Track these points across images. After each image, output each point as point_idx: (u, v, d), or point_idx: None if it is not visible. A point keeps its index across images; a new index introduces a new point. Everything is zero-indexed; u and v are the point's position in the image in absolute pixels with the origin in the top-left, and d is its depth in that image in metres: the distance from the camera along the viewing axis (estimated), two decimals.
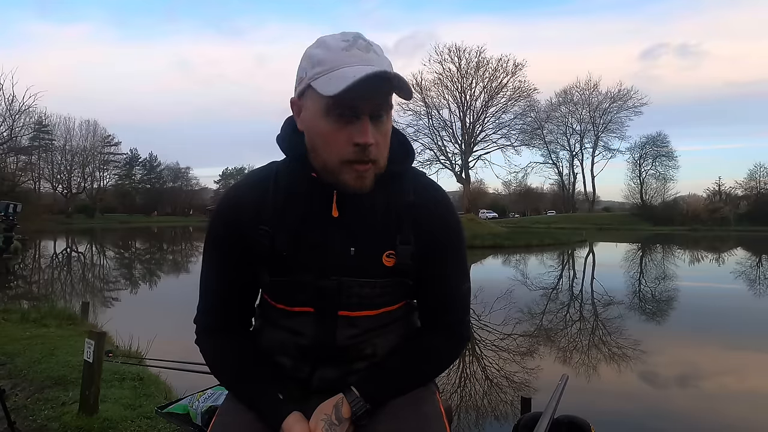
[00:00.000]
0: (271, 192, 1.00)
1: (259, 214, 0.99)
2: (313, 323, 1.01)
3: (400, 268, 1.00)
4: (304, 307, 1.01)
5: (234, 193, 1.04)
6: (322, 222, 0.98)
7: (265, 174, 1.04)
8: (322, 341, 1.01)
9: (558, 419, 1.30)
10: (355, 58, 0.88)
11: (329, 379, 1.03)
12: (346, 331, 1.01)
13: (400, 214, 1.00)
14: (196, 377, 2.00)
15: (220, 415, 1.06)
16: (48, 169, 60.27)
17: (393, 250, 0.99)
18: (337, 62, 0.88)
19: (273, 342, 1.06)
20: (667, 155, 55.12)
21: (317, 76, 0.88)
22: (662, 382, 5.74)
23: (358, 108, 0.88)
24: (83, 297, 9.95)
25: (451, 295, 1.08)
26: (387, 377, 1.02)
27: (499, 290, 11.59)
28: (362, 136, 0.88)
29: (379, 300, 1.02)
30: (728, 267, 18.77)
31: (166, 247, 30.24)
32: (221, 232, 1.03)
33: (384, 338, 1.05)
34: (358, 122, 0.88)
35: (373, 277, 0.99)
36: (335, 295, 0.99)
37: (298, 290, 1.00)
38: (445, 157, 43.30)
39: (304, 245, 0.98)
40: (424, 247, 1.01)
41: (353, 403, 0.96)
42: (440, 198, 1.05)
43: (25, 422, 2.93)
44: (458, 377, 5.71)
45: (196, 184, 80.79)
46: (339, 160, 0.90)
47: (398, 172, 1.01)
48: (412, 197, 1.01)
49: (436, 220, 1.03)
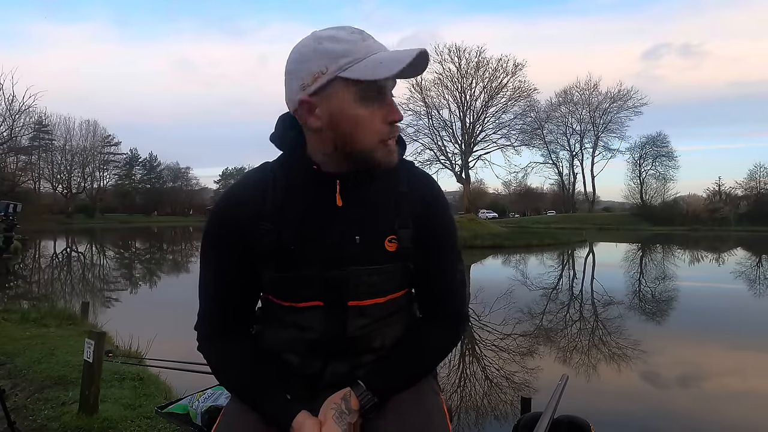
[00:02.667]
0: (270, 189, 1.01)
1: (258, 211, 1.00)
2: (322, 317, 1.01)
3: (402, 251, 1.02)
4: (312, 301, 1.01)
5: (233, 193, 1.05)
6: (326, 213, 1.00)
7: (261, 173, 1.05)
8: (332, 334, 1.01)
9: (558, 419, 1.30)
10: (376, 45, 0.93)
11: (341, 373, 1.03)
12: (356, 322, 1.02)
13: (397, 200, 1.03)
14: (196, 377, 2.00)
15: (225, 415, 1.06)
16: (48, 169, 60.35)
17: (394, 234, 1.02)
18: (364, 51, 0.91)
19: (279, 341, 1.06)
20: (667, 155, 55.24)
21: (348, 65, 0.90)
22: (662, 382, 5.74)
23: (387, 88, 0.94)
24: (83, 297, 9.96)
25: (447, 283, 1.10)
26: (393, 370, 1.03)
27: (499, 290, 11.59)
28: (396, 113, 0.95)
29: (386, 286, 1.04)
30: (728, 267, 18.77)
31: (166, 247, 30.24)
32: (219, 232, 1.03)
33: (391, 328, 1.06)
34: (386, 101, 0.95)
35: (378, 263, 1.01)
36: (344, 285, 1.00)
37: (304, 285, 1.00)
38: (445, 157, 43.28)
39: (311, 237, 0.99)
40: (421, 231, 1.04)
41: (362, 396, 0.97)
42: (431, 188, 1.09)
43: (25, 422, 2.93)
44: (458, 377, 5.71)
45: (196, 184, 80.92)
46: (378, 140, 0.95)
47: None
48: (406, 187, 1.04)
49: (429, 205, 1.06)
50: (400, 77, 0.92)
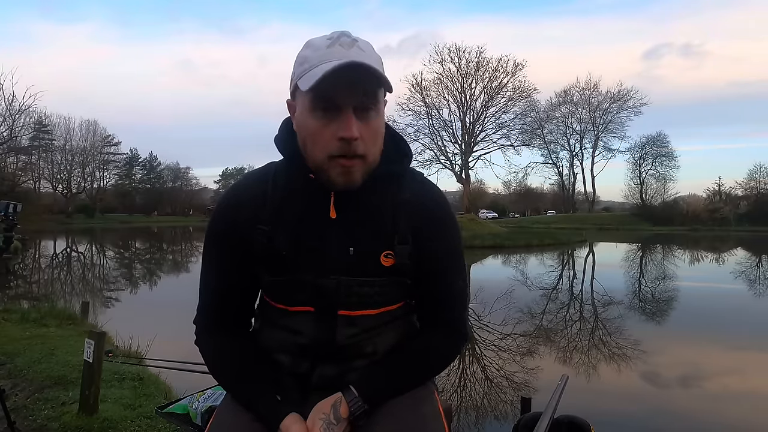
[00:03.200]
0: (269, 192, 1.02)
1: (257, 214, 1.00)
2: (312, 322, 1.01)
3: (399, 267, 1.01)
4: (303, 306, 1.01)
5: (233, 193, 1.06)
6: (321, 223, 0.99)
7: (263, 174, 1.05)
8: (321, 340, 1.01)
9: (558, 419, 1.30)
10: (337, 54, 0.89)
11: (329, 376, 1.02)
12: (345, 330, 1.01)
13: (397, 214, 1.01)
14: (196, 377, 2.00)
15: (219, 414, 1.06)
16: (48, 169, 60.30)
17: (391, 250, 1.00)
18: (318, 59, 0.89)
19: (272, 341, 1.07)
20: (667, 155, 55.20)
21: (302, 74, 0.90)
22: (662, 382, 5.73)
23: (340, 102, 0.89)
24: (83, 297, 9.95)
25: (448, 293, 1.09)
26: (386, 377, 1.02)
27: (499, 290, 11.59)
28: (346, 129, 0.89)
29: (379, 299, 1.02)
30: (728, 267, 18.76)
31: (166, 247, 30.24)
32: (220, 230, 1.04)
33: (384, 337, 1.05)
34: (342, 117, 0.89)
35: (371, 276, 1.00)
36: (334, 294, 0.99)
37: (297, 289, 1.01)
38: (445, 157, 43.29)
39: (303, 246, 0.99)
40: (421, 244, 1.02)
41: (351, 403, 0.95)
42: (436, 196, 1.07)
43: (25, 422, 2.93)
44: (458, 377, 5.71)
45: (196, 184, 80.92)
46: (326, 156, 0.92)
47: (395, 171, 1.02)
48: (408, 195, 1.02)
49: (431, 218, 1.04)
50: (334, 89, 0.87)
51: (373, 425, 0.96)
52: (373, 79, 0.89)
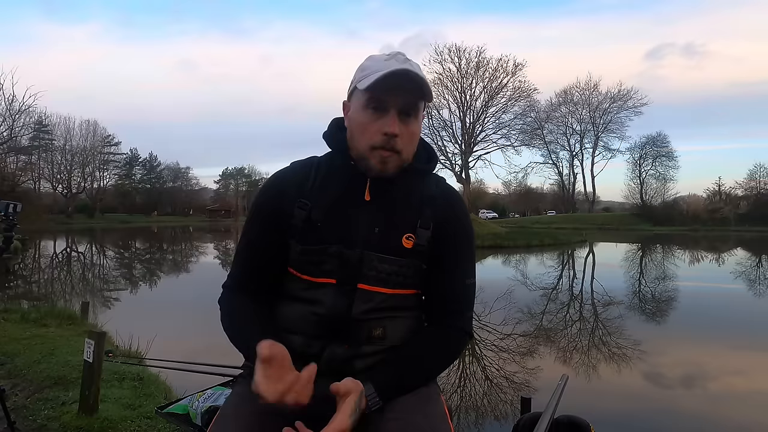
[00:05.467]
0: (313, 174, 1.17)
1: (301, 190, 1.14)
2: (332, 294, 1.10)
3: (417, 249, 1.12)
4: (327, 278, 1.10)
5: (280, 174, 1.21)
6: (356, 203, 1.13)
7: (308, 162, 1.21)
8: (338, 312, 1.09)
9: (558, 419, 1.31)
10: (392, 66, 1.06)
11: (338, 358, 1.09)
12: (362, 305, 1.09)
13: (422, 205, 1.15)
14: (196, 377, 2.00)
15: (222, 411, 1.09)
16: (48, 169, 60.33)
17: (413, 233, 1.12)
18: (377, 68, 1.07)
19: (289, 317, 1.14)
20: (667, 155, 55.25)
21: (361, 78, 1.09)
22: (662, 382, 5.74)
23: (387, 103, 1.07)
24: (83, 297, 9.93)
25: (457, 289, 1.17)
26: (399, 374, 1.08)
27: (499, 290, 11.58)
28: (390, 126, 1.06)
29: (395, 278, 1.12)
30: (728, 267, 18.77)
31: (166, 247, 30.23)
32: (263, 202, 1.18)
33: (394, 322, 1.13)
34: (388, 116, 1.07)
35: (392, 254, 1.11)
36: (357, 265, 1.09)
37: (324, 259, 1.10)
38: (445, 157, 43.31)
39: (337, 220, 1.12)
40: (440, 234, 1.14)
41: (370, 397, 1.01)
42: (458, 198, 1.24)
43: (25, 422, 2.93)
44: (458, 377, 5.71)
45: (196, 184, 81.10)
46: (369, 146, 1.08)
47: (424, 170, 1.18)
48: (434, 191, 1.17)
49: (451, 215, 1.17)
50: (385, 91, 1.05)
51: (384, 423, 1.00)
52: (416, 86, 1.07)
